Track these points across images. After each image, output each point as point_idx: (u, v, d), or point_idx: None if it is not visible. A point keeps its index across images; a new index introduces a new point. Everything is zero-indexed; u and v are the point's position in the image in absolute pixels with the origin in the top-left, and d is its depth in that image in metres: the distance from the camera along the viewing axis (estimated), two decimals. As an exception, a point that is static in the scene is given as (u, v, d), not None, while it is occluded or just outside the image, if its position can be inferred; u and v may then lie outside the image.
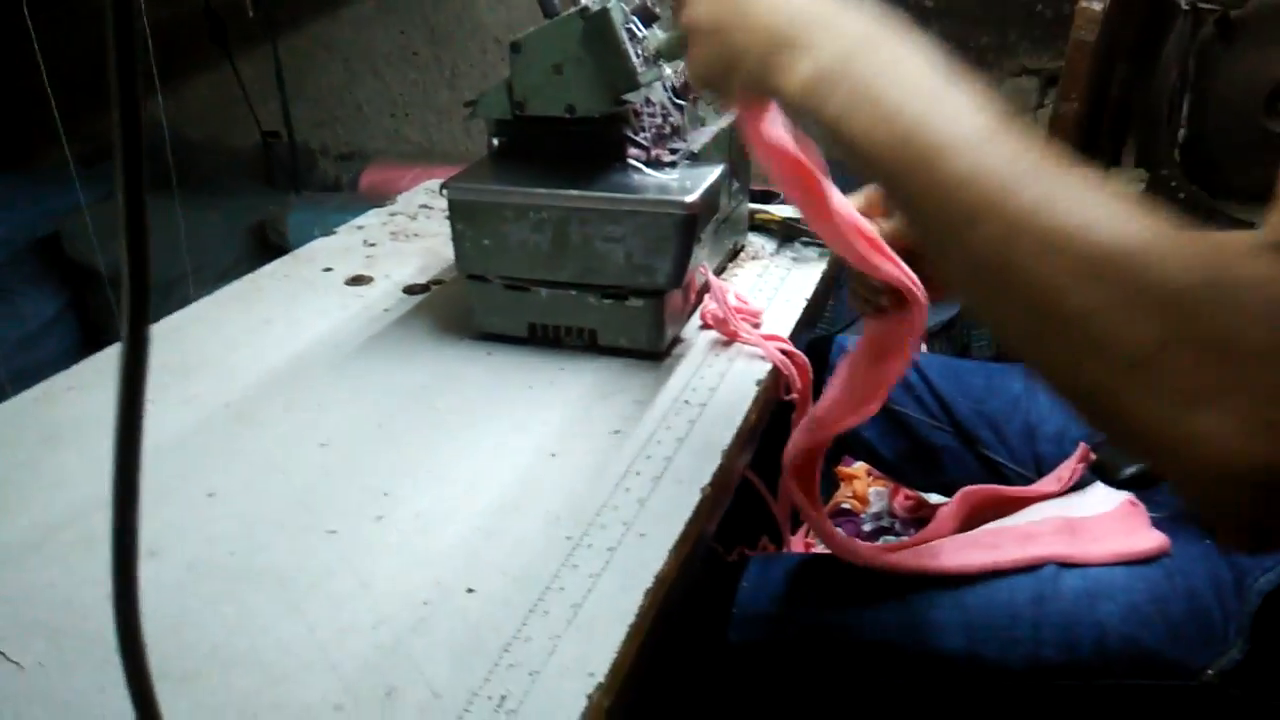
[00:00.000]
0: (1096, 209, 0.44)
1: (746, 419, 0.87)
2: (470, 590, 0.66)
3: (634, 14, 0.95)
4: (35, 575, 0.69)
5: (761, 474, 1.00)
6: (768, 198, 1.32)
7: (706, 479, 0.77)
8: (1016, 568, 0.81)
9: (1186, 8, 1.68)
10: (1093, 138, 1.92)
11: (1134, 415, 0.41)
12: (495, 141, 1.04)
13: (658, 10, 0.98)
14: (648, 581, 0.66)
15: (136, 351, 0.33)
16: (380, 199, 2.54)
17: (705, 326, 1.04)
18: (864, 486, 1.59)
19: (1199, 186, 1.74)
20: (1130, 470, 0.88)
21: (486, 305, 1.02)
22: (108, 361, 1.00)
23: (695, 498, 0.75)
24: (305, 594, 0.66)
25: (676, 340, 1.01)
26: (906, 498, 1.56)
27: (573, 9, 0.93)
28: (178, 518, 0.74)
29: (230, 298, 1.14)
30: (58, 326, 2.52)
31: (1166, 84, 1.74)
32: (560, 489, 0.77)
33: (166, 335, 1.05)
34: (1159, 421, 0.40)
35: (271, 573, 0.68)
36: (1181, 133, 1.75)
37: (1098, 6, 1.46)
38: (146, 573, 0.68)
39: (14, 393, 2.36)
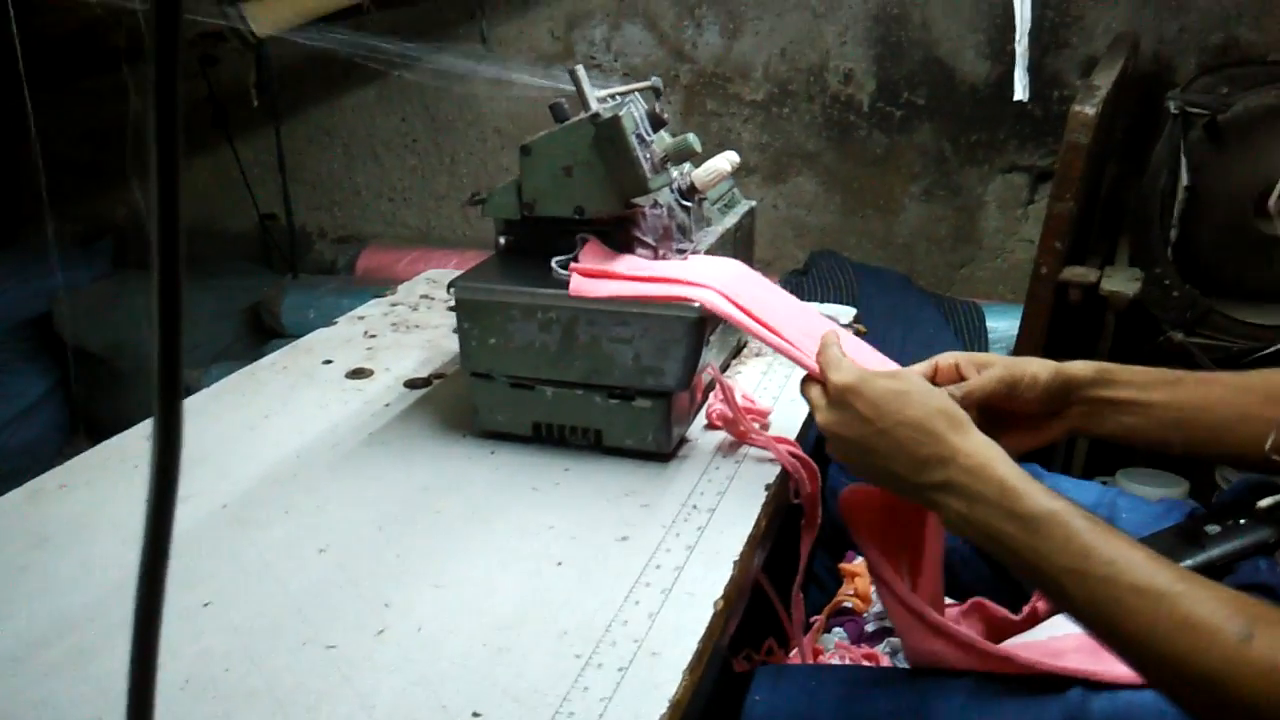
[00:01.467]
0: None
1: (757, 525, 0.85)
2: (476, 715, 0.63)
3: (644, 118, 0.97)
4: (22, 692, 0.66)
5: (771, 577, 0.98)
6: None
7: (719, 591, 0.75)
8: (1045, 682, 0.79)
9: (1176, 112, 1.72)
10: (1086, 237, 1.95)
11: None
12: (502, 240, 1.05)
13: (666, 116, 1.00)
14: (662, 707, 0.63)
15: (168, 460, 0.32)
16: (377, 283, 2.55)
17: (711, 426, 1.03)
18: (866, 585, 1.56)
19: (1192, 285, 1.76)
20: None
21: (491, 403, 1.01)
22: (101, 457, 0.98)
23: (708, 612, 0.73)
24: (303, 717, 0.63)
25: (683, 440, 1.00)
26: (909, 597, 1.53)
27: (583, 114, 0.94)
28: (172, 630, 0.71)
29: (228, 390, 1.13)
30: (46, 406, 2.50)
31: (1157, 185, 1.78)
32: (568, 601, 0.75)
33: (163, 431, 1.03)
34: None
35: (268, 693, 0.65)
36: (1173, 232, 1.78)
37: (1091, 111, 1.49)
38: (137, 690, 0.65)
39: (1, 471, 2.31)
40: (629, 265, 0.96)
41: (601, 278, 0.94)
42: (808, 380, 0.84)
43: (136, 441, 1.00)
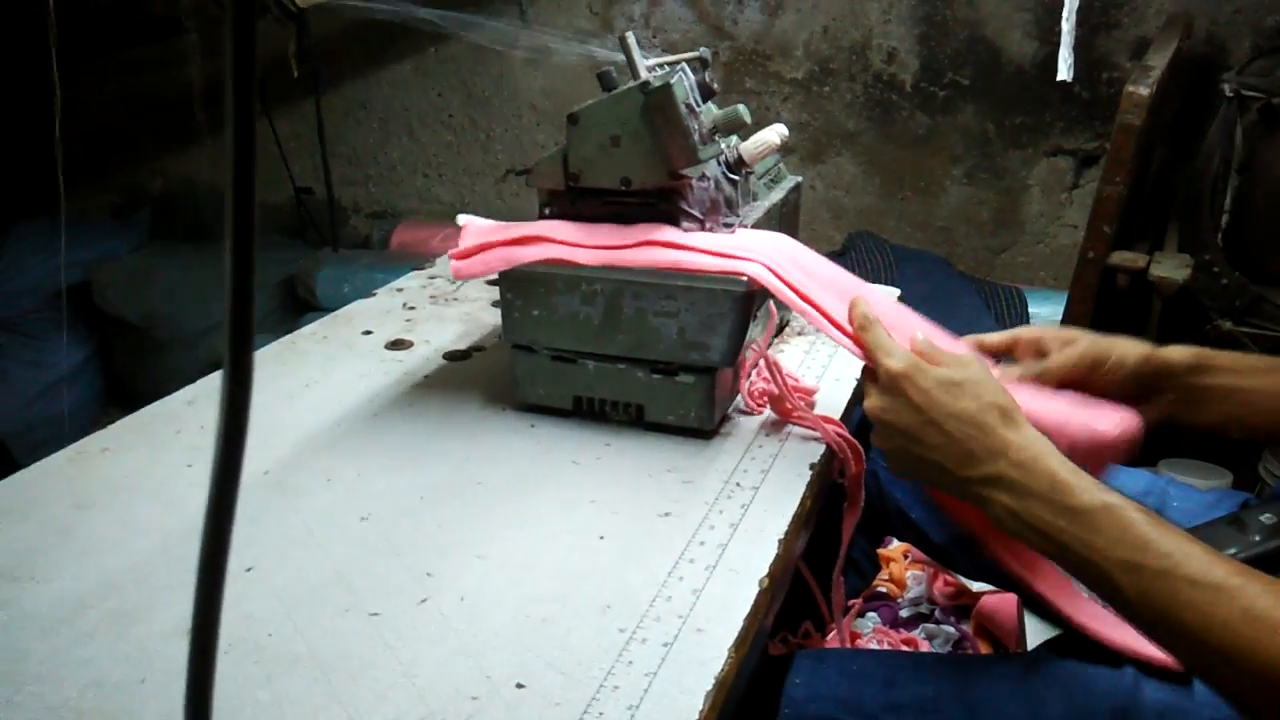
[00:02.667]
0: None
1: (801, 504, 0.83)
2: (520, 685, 0.63)
3: (694, 88, 0.95)
4: (65, 653, 0.66)
5: (810, 560, 0.96)
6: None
7: (764, 569, 0.74)
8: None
9: (1230, 95, 1.68)
10: (1134, 221, 1.91)
11: None
12: (547, 211, 1.03)
13: (715, 86, 0.98)
14: (708, 683, 0.62)
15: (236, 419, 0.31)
16: (411, 258, 2.55)
17: (753, 404, 1.01)
18: (901, 570, 1.55)
19: (1242, 272, 1.72)
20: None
21: (532, 376, 1.00)
22: (143, 422, 0.98)
23: (753, 590, 0.71)
24: (347, 683, 0.63)
25: (725, 417, 0.98)
26: (946, 583, 1.51)
27: (633, 83, 0.93)
28: (215, 594, 0.71)
29: (270, 358, 1.13)
30: (83, 375, 2.52)
31: (1209, 169, 1.74)
32: (611, 575, 0.74)
33: (208, 396, 1.03)
34: None
35: (312, 658, 0.65)
36: (1224, 218, 1.74)
37: (1145, 91, 1.45)
38: (178, 650, 0.65)
39: (36, 439, 2.34)
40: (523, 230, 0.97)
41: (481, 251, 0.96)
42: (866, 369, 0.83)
43: (178, 407, 1.00)
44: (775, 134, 1.01)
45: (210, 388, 1.05)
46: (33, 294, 2.57)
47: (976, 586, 1.45)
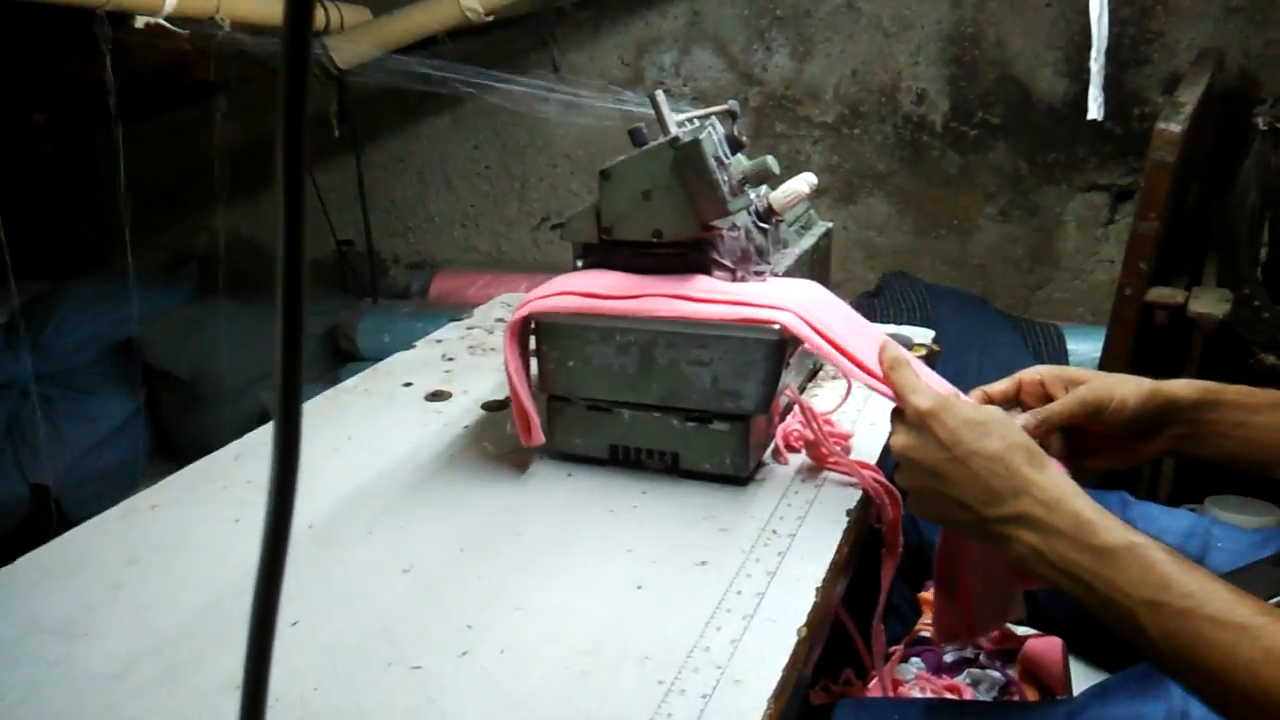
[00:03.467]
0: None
1: (839, 551, 0.84)
2: (561, 738, 0.63)
3: (722, 141, 0.97)
4: (117, 709, 0.67)
5: (850, 606, 0.96)
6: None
7: (802, 618, 0.74)
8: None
9: (1264, 128, 1.67)
10: (1171, 256, 1.89)
11: None
12: (580, 264, 1.05)
13: (744, 139, 1.00)
14: (748, 735, 0.62)
15: (285, 488, 0.32)
16: (450, 307, 2.59)
17: (790, 449, 1.01)
18: (944, 613, 1.52)
19: (1284, 306, 1.70)
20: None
21: (568, 426, 1.01)
22: (190, 478, 1.00)
23: (791, 640, 0.71)
24: (391, 737, 0.64)
25: (760, 464, 0.99)
26: (990, 627, 1.49)
27: (663, 139, 0.95)
28: (261, 648, 0.72)
29: (313, 412, 1.15)
30: (130, 429, 2.58)
31: (1245, 203, 1.72)
32: (649, 626, 0.74)
33: (252, 451, 1.05)
34: None
35: (356, 712, 0.66)
36: (1263, 252, 1.72)
37: (1177, 128, 1.45)
38: (227, 706, 0.67)
39: (87, 493, 2.39)
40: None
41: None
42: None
43: (225, 462, 1.03)
44: (804, 183, 1.03)
45: (256, 443, 1.08)
46: (84, 350, 2.64)
47: (1020, 630, 1.42)
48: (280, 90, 0.30)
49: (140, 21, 1.56)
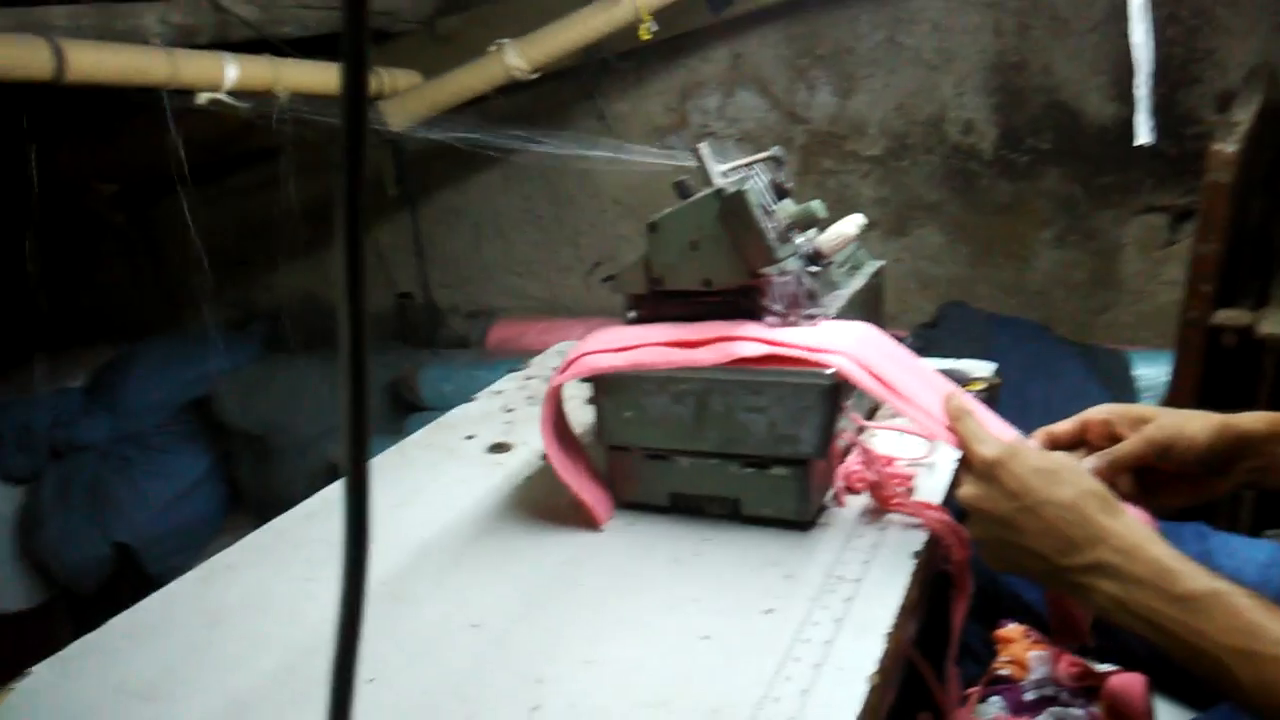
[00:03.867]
0: None
1: (908, 594, 0.83)
2: (633, 793, 0.63)
3: (767, 189, 0.98)
4: (203, 769, 0.69)
5: (923, 647, 0.95)
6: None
7: (873, 665, 0.73)
8: None
9: (1327, 140, 1.63)
10: (1236, 276, 1.85)
11: None
12: (632, 314, 1.07)
13: (789, 186, 1.01)
14: (821, 788, 0.62)
15: (358, 543, 0.34)
16: (508, 354, 2.63)
17: (850, 490, 1.01)
18: (1023, 650, 1.49)
19: (1359, 322, 1.65)
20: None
21: (627, 475, 1.02)
22: (265, 539, 1.03)
23: (863, 689, 0.71)
24: (466, 795, 0.65)
25: (822, 508, 0.98)
26: (1071, 663, 1.45)
27: (708, 190, 0.96)
28: (338, 708, 0.74)
29: (381, 467, 1.18)
30: (205, 485, 2.65)
31: (1311, 217, 1.68)
32: (717, 677, 0.74)
33: (322, 509, 1.08)
34: None
35: (431, 770, 0.67)
36: (1334, 266, 1.67)
37: (1232, 149, 1.43)
38: (309, 768, 0.68)
39: (166, 549, 2.45)
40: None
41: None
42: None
43: (296, 523, 1.06)
44: (852, 225, 1.03)
45: (327, 500, 1.10)
46: (159, 409, 2.73)
47: (1103, 667, 1.38)
48: (340, 155, 0.32)
49: (202, 98, 1.63)
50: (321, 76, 1.95)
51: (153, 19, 1.64)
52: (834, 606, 0.82)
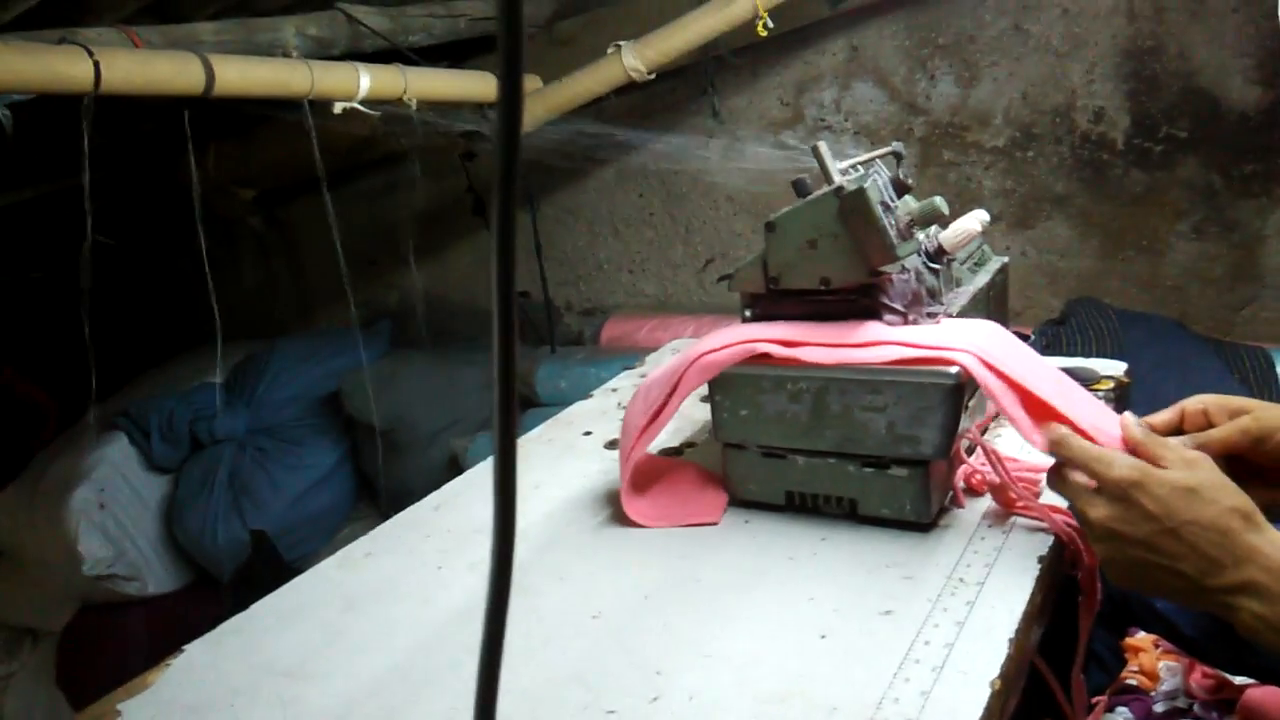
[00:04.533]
0: None
1: (1032, 600, 0.81)
2: (752, 787, 0.64)
3: (888, 185, 0.97)
4: (344, 745, 0.74)
5: (1047, 654, 0.92)
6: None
7: (995, 671, 0.72)
8: None
9: None
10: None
11: None
12: (748, 313, 1.07)
13: (910, 182, 1.00)
14: (942, 790, 0.62)
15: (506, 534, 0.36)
16: (621, 351, 2.66)
17: (972, 492, 0.99)
18: (1152, 661, 1.43)
19: None
20: None
21: (743, 473, 1.03)
22: (396, 527, 1.08)
23: (985, 693, 0.70)
24: (589, 780, 0.67)
25: (943, 509, 0.97)
26: (1205, 675, 1.39)
27: (827, 188, 0.96)
28: (469, 690, 0.77)
29: (501, 464, 1.22)
30: (335, 476, 2.77)
31: None
32: (835, 676, 0.75)
33: (450, 501, 1.12)
34: None
35: (556, 755, 0.69)
36: None
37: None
38: (441, 747, 0.71)
39: (299, 536, 2.57)
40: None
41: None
42: (1061, 468, 0.80)
43: (427, 513, 1.10)
44: (976, 221, 1.01)
45: (453, 493, 1.15)
46: (293, 404, 2.87)
47: (1239, 679, 1.32)
48: (495, 159, 0.34)
49: (338, 107, 1.71)
50: (448, 83, 2.02)
51: (290, 32, 1.73)
52: (955, 609, 0.81)
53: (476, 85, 2.13)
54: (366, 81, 1.72)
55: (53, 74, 1.28)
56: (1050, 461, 1.01)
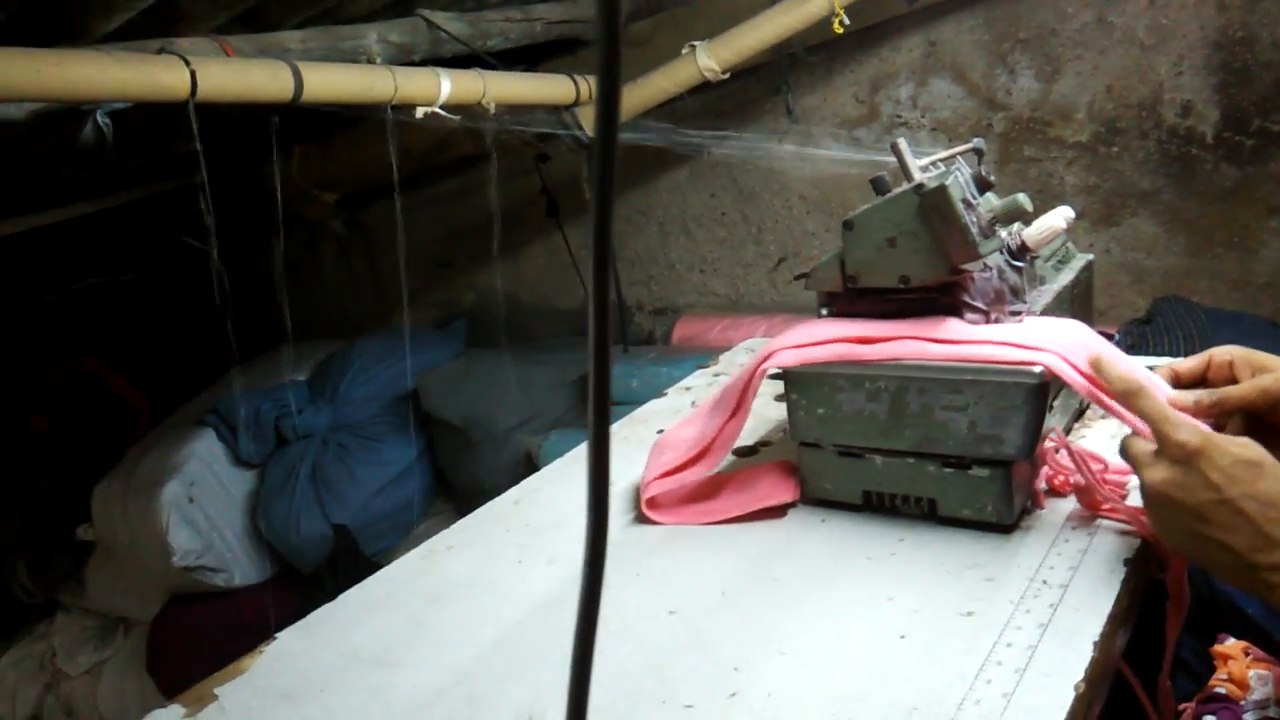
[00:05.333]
0: None
1: (1118, 603, 0.80)
2: (832, 784, 0.65)
3: (969, 183, 0.96)
4: (430, 731, 0.76)
5: (1132, 660, 0.90)
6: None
7: (1079, 674, 0.71)
8: None
9: None
10: None
11: None
12: (824, 312, 1.07)
13: (992, 179, 0.98)
14: (1026, 793, 0.61)
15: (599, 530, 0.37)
16: (692, 351, 2.67)
17: (1055, 493, 0.98)
18: (1242, 669, 1.39)
19: None
20: None
21: (820, 472, 1.02)
22: (478, 521, 1.11)
23: (1069, 696, 0.69)
24: (669, 772, 0.68)
25: (1025, 510, 0.96)
26: (1300, 688, 1.34)
27: (906, 186, 0.95)
28: (553, 681, 0.79)
29: (579, 459, 1.24)
30: (413, 472, 2.83)
31: None
32: (915, 676, 0.74)
33: (529, 496, 1.14)
34: None
35: (636, 747, 0.70)
36: None
37: None
38: (524, 736, 0.73)
39: (378, 530, 2.63)
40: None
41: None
42: (1129, 437, 0.80)
43: (506, 507, 1.13)
44: (1060, 218, 1.00)
45: (532, 488, 1.17)
46: (372, 401, 2.94)
47: (1340, 693, 1.27)
48: (592, 164, 0.35)
49: (420, 112, 1.75)
50: (525, 87, 2.05)
51: (373, 38, 1.78)
52: (1038, 611, 0.80)
53: (552, 88, 2.16)
54: (447, 86, 1.76)
55: (153, 83, 1.34)
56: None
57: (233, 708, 0.82)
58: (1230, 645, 1.44)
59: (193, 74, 1.36)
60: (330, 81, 1.56)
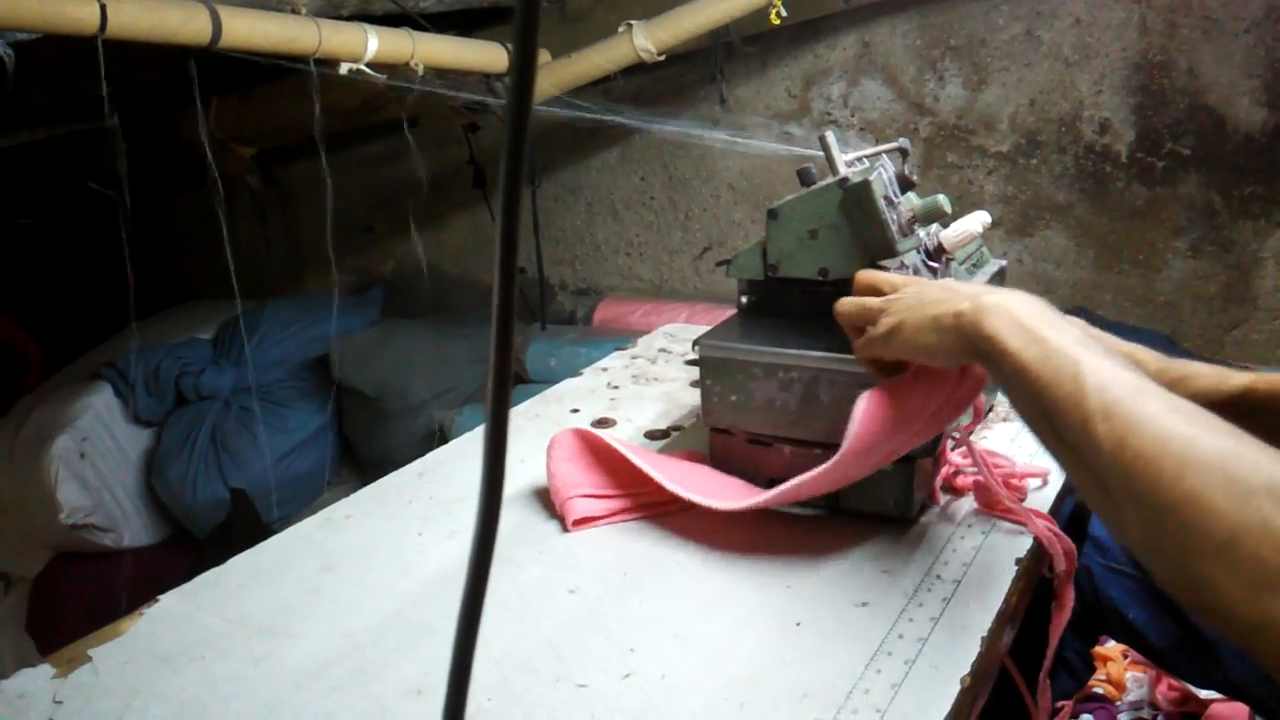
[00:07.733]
0: (1202, 419, 0.54)
1: (1006, 601, 0.82)
2: (720, 767, 0.65)
3: (892, 181, 0.97)
4: (311, 705, 0.74)
5: (1018, 658, 0.93)
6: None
7: (966, 667, 0.73)
8: None
9: None
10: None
11: (1219, 596, 0.48)
12: (744, 300, 1.07)
13: (915, 178, 1.00)
14: (907, 781, 0.62)
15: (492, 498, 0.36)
16: (612, 333, 2.66)
17: (954, 491, 1.00)
18: (1120, 670, 1.45)
19: None
20: None
21: (728, 459, 1.03)
22: (379, 491, 1.08)
23: (954, 689, 0.71)
24: (557, 751, 0.67)
25: (924, 506, 0.97)
26: (1171, 687, 1.40)
27: (831, 178, 0.96)
28: (444, 656, 0.77)
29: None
30: (318, 440, 2.77)
31: None
32: (808, 663, 0.75)
33: (434, 469, 1.12)
34: (1240, 604, 0.46)
35: (526, 725, 0.70)
36: None
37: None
38: (412, 710, 0.71)
39: (281, 496, 2.56)
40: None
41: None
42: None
43: (410, 479, 1.10)
44: (977, 222, 1.01)
45: (437, 461, 1.15)
46: (281, 365, 2.86)
47: (1204, 693, 1.33)
48: (506, 131, 0.33)
49: (344, 68, 1.70)
50: (456, 51, 2.00)
51: (301, -10, 1.71)
52: (931, 605, 0.81)
53: (484, 55, 2.12)
54: (374, 43, 1.71)
55: (60, 14, 1.27)
56: (1038, 468, 1.02)
57: (107, 670, 0.79)
58: (1110, 647, 1.50)
59: (103, 8, 1.29)
60: (251, 28, 1.50)
